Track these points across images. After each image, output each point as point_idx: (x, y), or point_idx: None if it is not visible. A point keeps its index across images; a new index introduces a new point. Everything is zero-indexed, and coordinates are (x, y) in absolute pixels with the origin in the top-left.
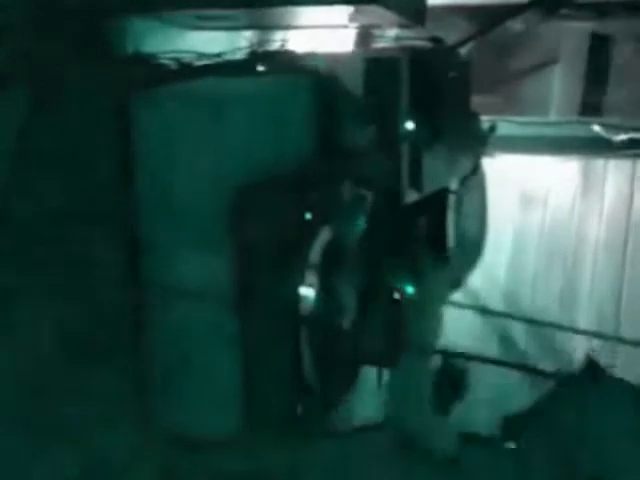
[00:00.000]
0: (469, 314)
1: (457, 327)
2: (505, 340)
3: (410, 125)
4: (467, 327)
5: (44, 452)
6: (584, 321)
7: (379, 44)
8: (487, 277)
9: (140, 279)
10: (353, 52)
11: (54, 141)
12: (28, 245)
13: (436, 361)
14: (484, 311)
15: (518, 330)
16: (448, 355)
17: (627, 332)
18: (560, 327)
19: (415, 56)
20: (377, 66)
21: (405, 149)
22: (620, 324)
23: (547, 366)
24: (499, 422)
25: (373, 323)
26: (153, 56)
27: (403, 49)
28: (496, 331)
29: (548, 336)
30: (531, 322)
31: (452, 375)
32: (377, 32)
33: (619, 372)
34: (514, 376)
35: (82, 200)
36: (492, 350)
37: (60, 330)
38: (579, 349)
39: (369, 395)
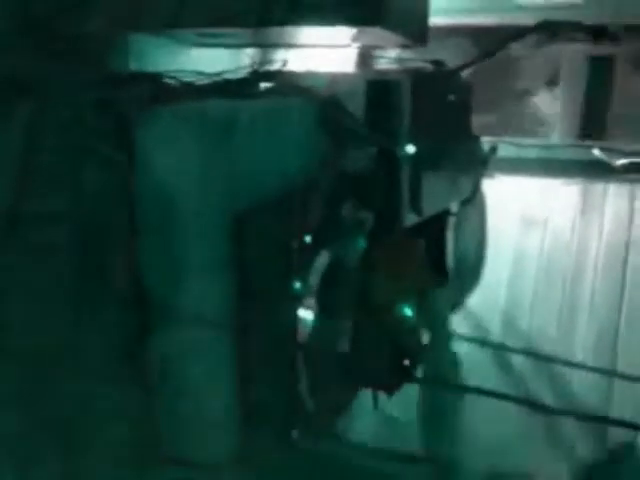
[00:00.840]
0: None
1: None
2: (502, 370)
3: (410, 148)
4: (464, 356)
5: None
6: (583, 343)
7: (380, 65)
8: (486, 299)
9: (139, 302)
10: (354, 73)
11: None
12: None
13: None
14: (482, 342)
15: (516, 359)
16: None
17: (625, 357)
18: (556, 360)
19: (417, 79)
20: (378, 88)
21: (405, 172)
22: (618, 349)
23: (546, 398)
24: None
25: (371, 346)
26: (155, 74)
27: (405, 71)
28: (493, 360)
29: (546, 367)
30: (529, 354)
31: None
32: (378, 52)
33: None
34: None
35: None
36: (489, 380)
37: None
38: (576, 380)
39: (365, 419)
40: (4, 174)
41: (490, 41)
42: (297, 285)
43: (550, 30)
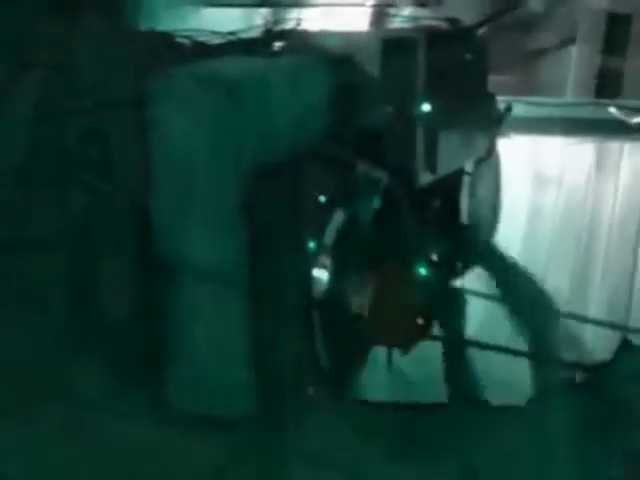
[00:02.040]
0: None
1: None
2: (517, 326)
3: (426, 106)
4: (476, 312)
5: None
6: (596, 302)
7: (395, 23)
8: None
9: (153, 260)
10: (369, 32)
11: None
12: None
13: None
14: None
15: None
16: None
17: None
18: (571, 316)
19: (432, 37)
20: (393, 46)
21: (420, 130)
22: (632, 305)
23: (560, 353)
24: None
25: (386, 305)
26: (168, 34)
27: (420, 29)
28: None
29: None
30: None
31: None
32: (392, 11)
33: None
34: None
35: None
36: (503, 337)
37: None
38: (591, 336)
39: (379, 376)
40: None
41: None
42: (312, 244)
43: None
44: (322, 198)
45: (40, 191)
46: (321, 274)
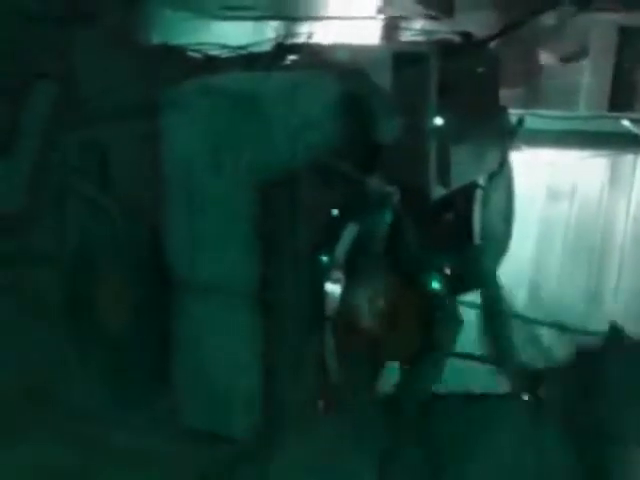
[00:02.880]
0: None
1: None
2: (528, 341)
3: (438, 120)
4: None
5: None
6: (610, 317)
7: (406, 37)
8: (513, 272)
9: (165, 274)
10: (381, 45)
11: None
12: None
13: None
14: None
15: (542, 331)
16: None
17: None
18: (584, 331)
19: (444, 50)
20: (405, 60)
21: (433, 144)
22: None
23: None
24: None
25: (398, 320)
26: (180, 47)
27: (432, 43)
28: (520, 331)
29: (572, 338)
30: (555, 325)
31: None
32: (404, 24)
33: None
34: None
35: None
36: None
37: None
38: None
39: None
40: None
41: (518, 12)
42: (324, 258)
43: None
44: (334, 212)
45: (41, 204)
46: (333, 288)
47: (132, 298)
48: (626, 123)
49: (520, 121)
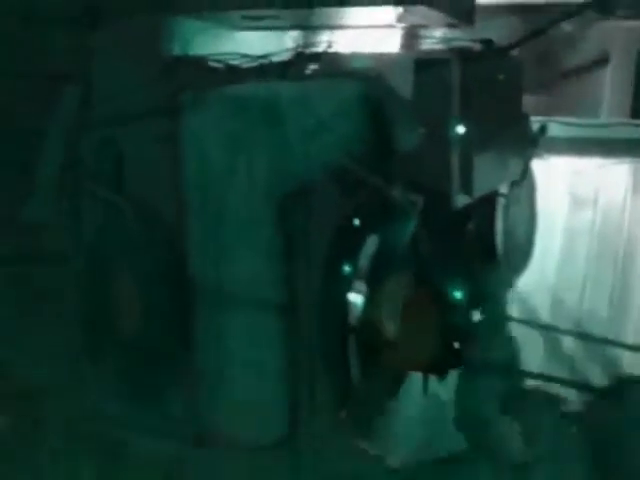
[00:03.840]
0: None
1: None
2: (552, 351)
3: (460, 128)
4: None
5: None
6: (635, 324)
7: (426, 45)
8: (536, 281)
9: (189, 282)
10: (402, 53)
11: None
12: None
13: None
14: (531, 323)
15: (566, 341)
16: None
17: None
18: (607, 341)
19: (466, 58)
20: (427, 68)
21: (455, 152)
22: None
23: (596, 379)
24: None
25: (423, 330)
26: (201, 58)
27: (454, 51)
28: (544, 341)
29: (597, 348)
30: (579, 335)
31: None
32: (424, 32)
33: None
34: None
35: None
36: (538, 361)
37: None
38: (627, 361)
39: (414, 401)
40: None
41: (538, 19)
42: (347, 268)
43: (600, 7)
44: (357, 222)
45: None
46: (356, 298)
47: (146, 299)
48: None
49: (542, 128)
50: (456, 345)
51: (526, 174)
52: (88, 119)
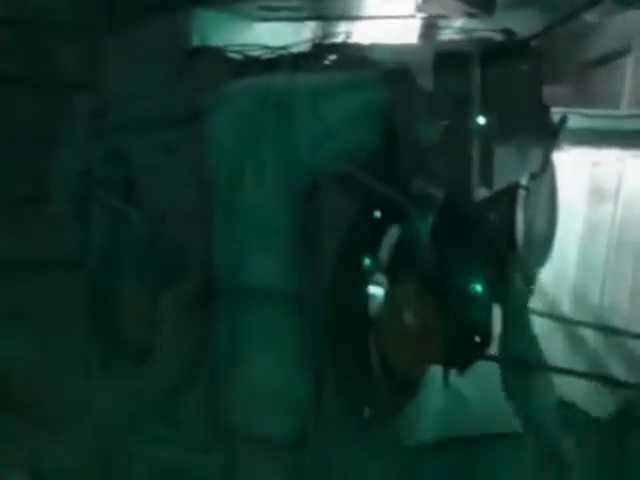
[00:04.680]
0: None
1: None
2: (574, 345)
3: (481, 120)
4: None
5: None
6: None
7: (445, 35)
8: (556, 274)
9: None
10: (422, 44)
11: None
12: None
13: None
14: (552, 316)
15: (588, 334)
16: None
17: None
18: (629, 334)
19: (486, 49)
20: (447, 59)
21: (476, 144)
22: None
23: (617, 373)
24: None
25: (440, 323)
26: (220, 49)
27: (474, 42)
28: (565, 334)
29: (619, 341)
30: (601, 328)
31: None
32: (443, 23)
33: None
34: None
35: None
36: (560, 355)
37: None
38: None
39: (435, 395)
40: None
41: (558, 9)
42: (367, 261)
43: None
44: (377, 214)
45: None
46: (376, 291)
47: (155, 307)
48: None
49: (563, 120)
50: (477, 339)
51: (546, 166)
52: (99, 126)
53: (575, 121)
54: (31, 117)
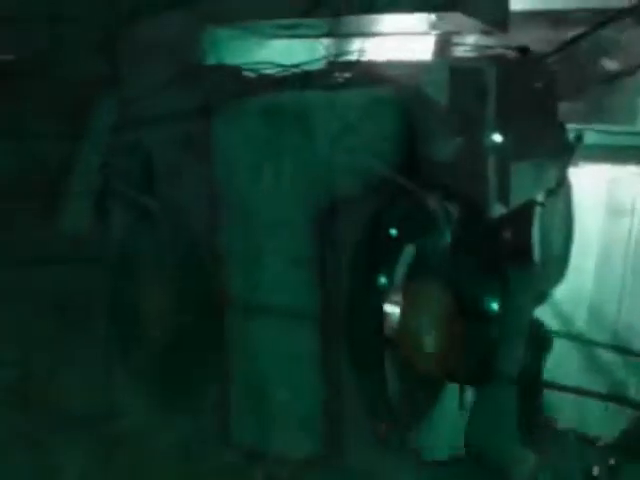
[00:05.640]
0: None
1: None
2: (589, 364)
3: (497, 137)
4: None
5: None
6: None
7: (460, 52)
8: (572, 291)
9: (224, 295)
10: (437, 61)
11: None
12: None
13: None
14: (567, 334)
15: (604, 354)
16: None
17: None
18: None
19: (502, 66)
20: (463, 76)
21: (491, 161)
22: None
23: (633, 393)
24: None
25: (458, 341)
26: (235, 67)
27: (489, 58)
28: (580, 353)
29: (634, 361)
30: (617, 347)
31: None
32: (457, 39)
33: None
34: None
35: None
36: (576, 375)
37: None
38: None
39: (450, 416)
40: None
41: (572, 25)
42: (382, 279)
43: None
44: (393, 231)
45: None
46: (392, 309)
47: (175, 302)
48: None
49: (579, 136)
50: (492, 357)
51: (562, 182)
52: (120, 119)
53: (591, 137)
54: (53, 112)
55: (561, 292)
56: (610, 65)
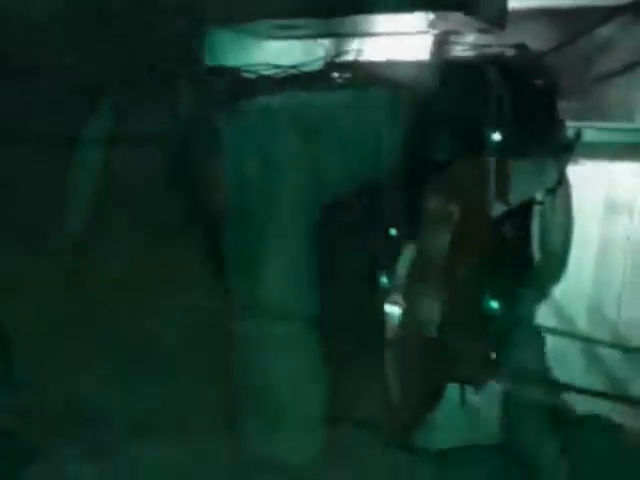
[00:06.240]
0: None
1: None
2: (589, 361)
3: (496, 136)
4: (550, 348)
5: None
6: None
7: (458, 51)
8: (572, 289)
9: (226, 295)
10: (435, 60)
11: None
12: None
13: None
14: (567, 332)
15: (604, 352)
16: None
17: None
18: None
19: (501, 64)
20: (461, 75)
21: (491, 160)
22: None
23: (635, 391)
24: None
25: (459, 340)
26: (233, 68)
27: (489, 57)
28: (580, 351)
29: (635, 358)
30: (617, 345)
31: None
32: (456, 38)
33: None
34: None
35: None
36: (575, 372)
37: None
38: None
39: (452, 414)
40: None
41: (570, 23)
42: (383, 279)
43: (638, 11)
44: (393, 231)
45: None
46: (393, 310)
47: None
48: None
49: (578, 134)
50: (492, 356)
51: (562, 181)
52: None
53: (590, 135)
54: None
55: (560, 290)
56: (608, 62)
